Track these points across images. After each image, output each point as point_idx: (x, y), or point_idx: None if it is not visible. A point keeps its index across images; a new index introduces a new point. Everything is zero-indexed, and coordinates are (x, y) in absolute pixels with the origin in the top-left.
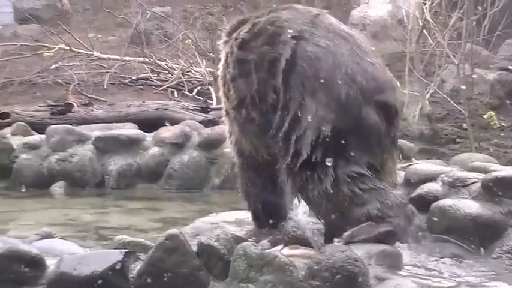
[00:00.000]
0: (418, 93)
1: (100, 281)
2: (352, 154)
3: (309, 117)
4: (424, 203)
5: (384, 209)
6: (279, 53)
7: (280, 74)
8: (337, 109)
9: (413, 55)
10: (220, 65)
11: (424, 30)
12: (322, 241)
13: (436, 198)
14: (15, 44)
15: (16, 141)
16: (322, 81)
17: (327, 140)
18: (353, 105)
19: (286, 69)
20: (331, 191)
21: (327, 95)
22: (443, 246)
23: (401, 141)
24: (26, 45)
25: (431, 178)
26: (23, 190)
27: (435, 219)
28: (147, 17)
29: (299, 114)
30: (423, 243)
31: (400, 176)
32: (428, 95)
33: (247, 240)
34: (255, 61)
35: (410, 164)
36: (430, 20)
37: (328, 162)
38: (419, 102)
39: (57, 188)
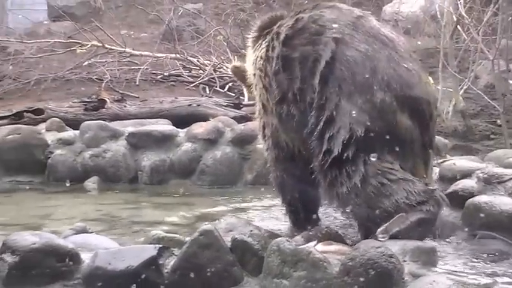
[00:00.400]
0: (451, 89)
1: (134, 276)
2: (383, 154)
3: (343, 118)
4: (459, 200)
5: (411, 196)
6: (319, 54)
7: (318, 74)
8: (371, 112)
9: (447, 51)
10: (255, 59)
11: (458, 26)
12: (356, 237)
13: (471, 194)
14: (49, 41)
15: (51, 137)
16: (358, 85)
17: (359, 140)
18: (387, 109)
19: (325, 71)
20: (360, 186)
21: (362, 98)
22: (478, 243)
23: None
24: (59, 42)
25: (466, 174)
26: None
27: (470, 215)
28: (179, 13)
29: (334, 115)
30: (458, 240)
31: (435, 172)
32: (462, 91)
33: (280, 236)
34: (299, 60)
35: (445, 161)
36: (464, 15)
37: (359, 160)
38: (453, 98)
39: (91, 183)
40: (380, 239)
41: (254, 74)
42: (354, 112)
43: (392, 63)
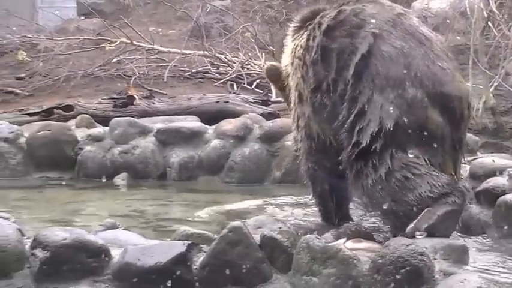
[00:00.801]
0: (481, 86)
1: (163, 272)
2: (411, 149)
3: (374, 112)
4: (490, 197)
5: (435, 189)
6: (356, 47)
7: (353, 67)
8: (402, 107)
9: (477, 47)
10: (294, 47)
11: (489, 22)
12: (386, 235)
13: (503, 192)
14: (78, 38)
15: (80, 134)
16: (391, 80)
17: (388, 134)
18: (418, 105)
19: (360, 64)
20: (384, 178)
21: (394, 93)
22: (510, 241)
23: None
24: (88, 39)
25: (497, 172)
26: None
27: (501, 213)
28: (207, 10)
29: (365, 108)
30: (489, 238)
31: (465, 169)
32: (492, 88)
33: (310, 233)
34: (337, 51)
35: (475, 158)
36: (495, 11)
37: (386, 153)
38: (483, 95)
39: (120, 179)
40: (417, 237)
41: (292, 63)
42: (385, 106)
43: (427, 61)
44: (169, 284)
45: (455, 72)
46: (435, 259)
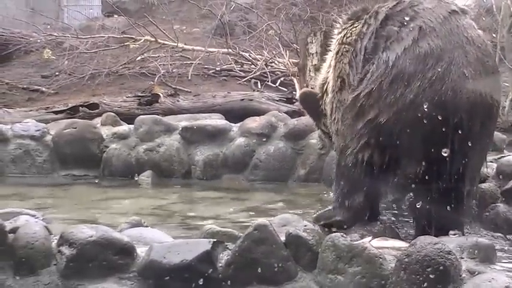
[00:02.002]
0: (508, 84)
1: (189, 270)
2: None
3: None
4: None
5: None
6: (402, 37)
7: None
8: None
9: (503, 45)
10: (343, 35)
11: None
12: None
13: None
14: (103, 36)
15: (105, 131)
16: (405, 76)
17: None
18: (412, 108)
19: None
20: None
21: (399, 90)
22: None
23: None
24: (113, 37)
25: None
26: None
27: None
28: (231, 8)
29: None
30: None
31: (492, 168)
32: None
33: (335, 231)
34: (386, 39)
35: (502, 156)
36: None
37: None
38: (510, 92)
39: (145, 177)
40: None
41: (337, 52)
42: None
43: (453, 66)
44: (194, 281)
45: (482, 81)
46: (462, 258)
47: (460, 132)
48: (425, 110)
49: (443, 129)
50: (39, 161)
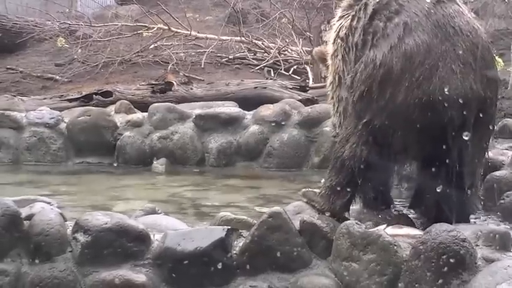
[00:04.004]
0: None
1: (203, 257)
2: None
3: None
4: None
5: None
6: (387, 34)
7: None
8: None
9: None
10: (339, 27)
11: None
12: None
13: None
14: (116, 25)
15: (119, 119)
16: (393, 77)
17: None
18: (402, 110)
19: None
20: None
21: (389, 92)
22: None
23: (507, 120)
24: (126, 25)
25: None
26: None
27: None
28: None
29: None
30: None
31: (507, 155)
32: None
33: (349, 219)
34: (373, 35)
35: None
36: None
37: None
38: None
39: (159, 165)
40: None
41: (334, 43)
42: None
43: (440, 61)
44: (209, 268)
45: (473, 74)
46: (477, 245)
47: (453, 129)
48: (416, 111)
49: (437, 128)
50: (53, 148)
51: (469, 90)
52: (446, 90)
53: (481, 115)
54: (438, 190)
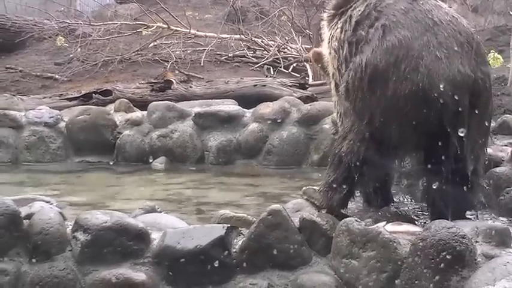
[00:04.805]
0: None
1: (203, 255)
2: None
3: None
4: None
5: None
6: (369, 39)
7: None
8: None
9: None
10: (330, 37)
11: None
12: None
13: None
14: (116, 23)
15: (119, 118)
16: (380, 75)
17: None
18: (395, 105)
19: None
20: None
21: (380, 90)
22: None
23: (507, 117)
24: (125, 24)
25: None
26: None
27: None
28: None
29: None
30: None
31: (507, 152)
32: None
33: (349, 216)
34: (357, 46)
35: None
36: None
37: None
38: None
39: (158, 163)
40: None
41: (329, 53)
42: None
43: (424, 51)
44: (208, 267)
45: (458, 58)
46: (477, 242)
47: (449, 115)
48: (409, 103)
49: (433, 116)
50: (53, 147)
51: (457, 73)
52: (434, 76)
53: (474, 98)
54: (441, 180)
